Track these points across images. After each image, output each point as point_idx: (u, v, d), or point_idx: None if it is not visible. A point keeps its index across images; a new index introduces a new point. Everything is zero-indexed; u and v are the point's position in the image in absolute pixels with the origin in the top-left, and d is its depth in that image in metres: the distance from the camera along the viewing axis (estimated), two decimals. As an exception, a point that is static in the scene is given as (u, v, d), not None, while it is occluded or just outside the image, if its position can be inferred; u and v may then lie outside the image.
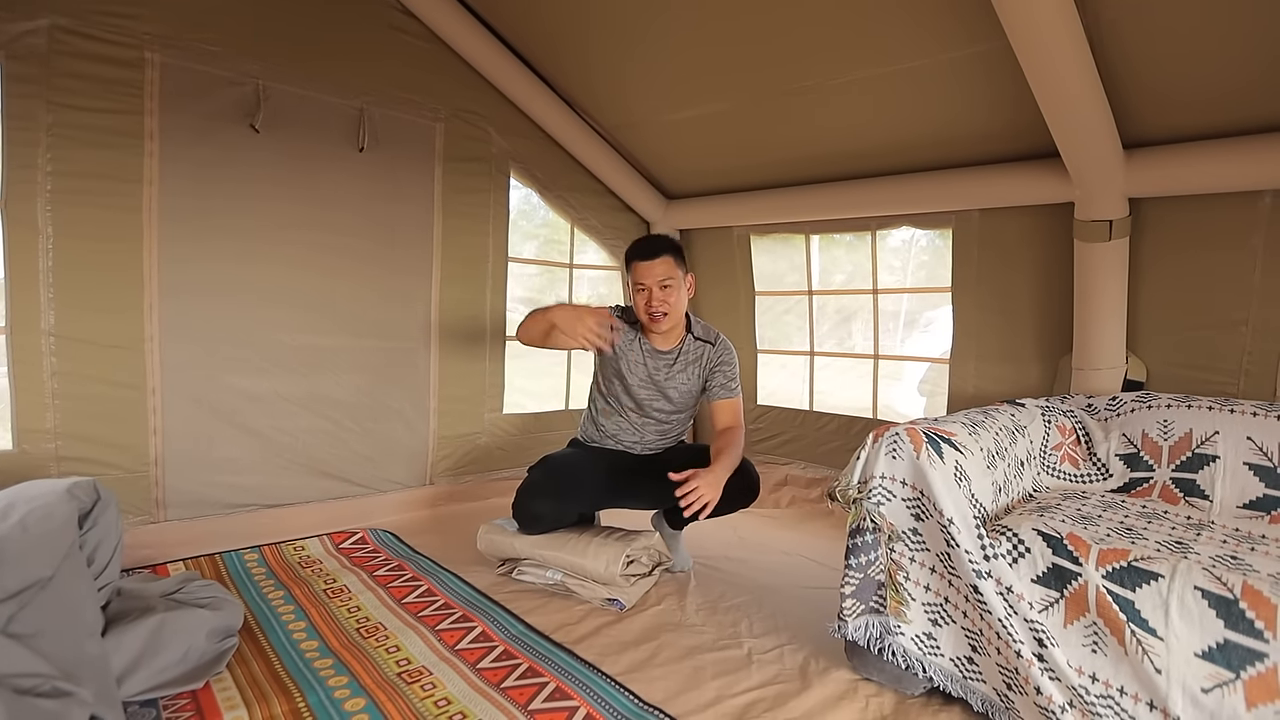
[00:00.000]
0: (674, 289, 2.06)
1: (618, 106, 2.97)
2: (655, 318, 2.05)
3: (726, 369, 2.14)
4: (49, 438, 2.05)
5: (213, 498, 2.35)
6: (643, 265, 2.05)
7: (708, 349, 2.16)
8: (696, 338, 2.17)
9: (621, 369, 2.16)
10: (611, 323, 1.97)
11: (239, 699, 1.42)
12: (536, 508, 2.00)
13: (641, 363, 2.15)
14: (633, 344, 2.15)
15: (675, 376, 2.15)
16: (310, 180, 2.49)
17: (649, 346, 2.15)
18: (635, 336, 2.16)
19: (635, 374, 2.15)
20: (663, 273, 2.04)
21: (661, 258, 2.05)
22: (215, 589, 1.65)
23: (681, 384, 2.15)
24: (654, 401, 2.17)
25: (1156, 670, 1.14)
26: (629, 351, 2.15)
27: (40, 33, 1.98)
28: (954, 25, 1.95)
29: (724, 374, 2.13)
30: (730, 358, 2.16)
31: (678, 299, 2.07)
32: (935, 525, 1.40)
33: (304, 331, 2.52)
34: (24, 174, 1.98)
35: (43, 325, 2.03)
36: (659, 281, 2.04)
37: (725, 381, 2.13)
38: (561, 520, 2.07)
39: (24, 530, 1.30)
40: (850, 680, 1.57)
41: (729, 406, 2.13)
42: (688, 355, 2.15)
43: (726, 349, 2.17)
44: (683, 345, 2.16)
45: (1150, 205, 2.12)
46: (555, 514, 2.04)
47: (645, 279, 2.05)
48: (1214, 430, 1.75)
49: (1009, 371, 2.52)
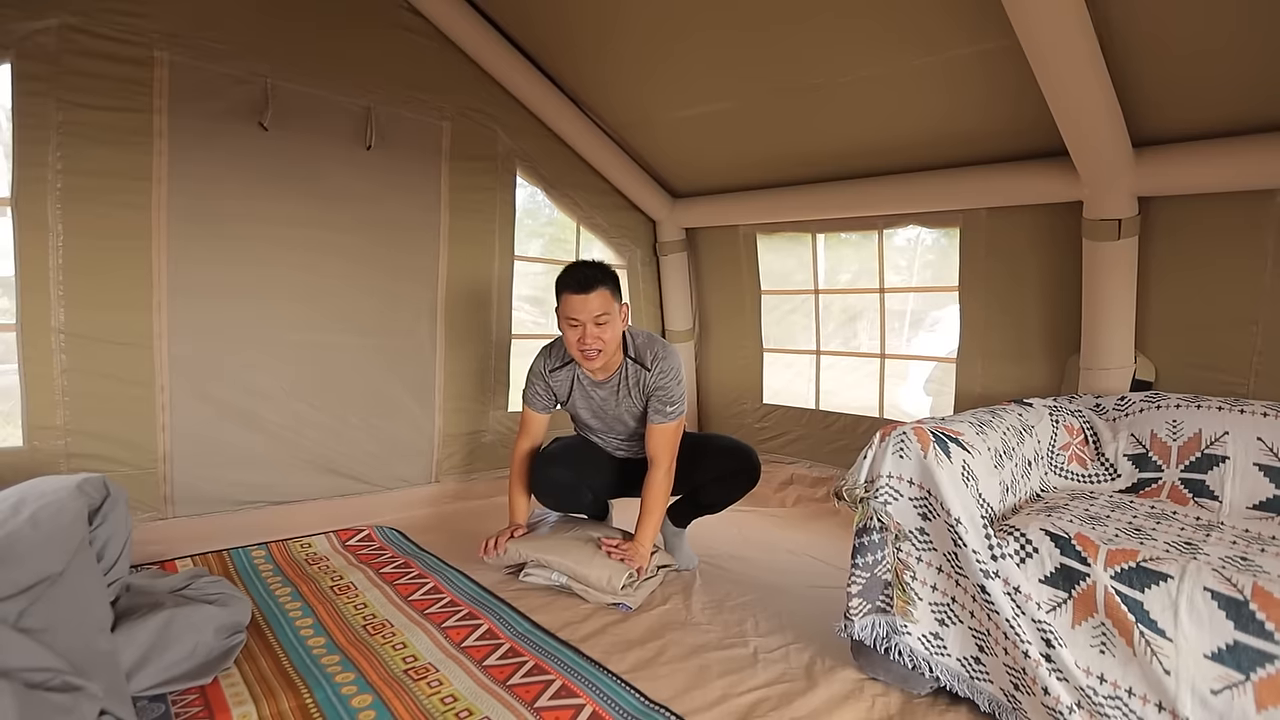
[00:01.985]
0: (609, 324, 1.92)
1: (624, 105, 2.97)
2: (588, 355, 1.93)
3: (661, 394, 1.98)
4: (59, 434, 2.07)
5: (220, 494, 2.36)
6: (576, 299, 1.89)
7: (644, 374, 2.01)
8: (633, 359, 2.03)
9: (570, 409, 2.18)
10: (496, 539, 2.05)
11: (247, 694, 1.43)
12: (555, 474, 2.06)
13: (586, 396, 2.11)
14: (569, 381, 2.11)
15: (622, 403, 2.08)
16: (318, 178, 2.50)
17: (587, 380, 2.09)
18: (571, 374, 2.09)
19: (586, 407, 2.13)
20: (598, 307, 1.89)
21: (597, 291, 1.89)
22: (223, 585, 1.66)
23: (629, 408, 2.08)
24: (615, 425, 2.16)
25: (1165, 671, 1.13)
26: (572, 391, 2.12)
27: (50, 32, 1.99)
28: (962, 23, 1.94)
29: (659, 399, 1.98)
30: (666, 381, 1.98)
31: (612, 335, 1.93)
32: (942, 525, 1.40)
33: (310, 329, 2.53)
34: (34, 172, 1.99)
35: (53, 323, 2.05)
36: (594, 317, 1.89)
37: (660, 406, 1.98)
38: (577, 492, 2.12)
39: (35, 526, 1.30)
40: (856, 680, 1.57)
41: (660, 433, 1.99)
42: (628, 380, 2.04)
43: (663, 372, 1.98)
44: (622, 370, 2.04)
45: (1160, 204, 2.10)
46: (571, 483, 2.08)
47: (579, 314, 1.89)
48: (1224, 431, 1.74)
49: (1016, 371, 2.50)
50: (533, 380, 2.15)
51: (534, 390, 2.15)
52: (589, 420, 2.17)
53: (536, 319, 3.39)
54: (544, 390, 2.14)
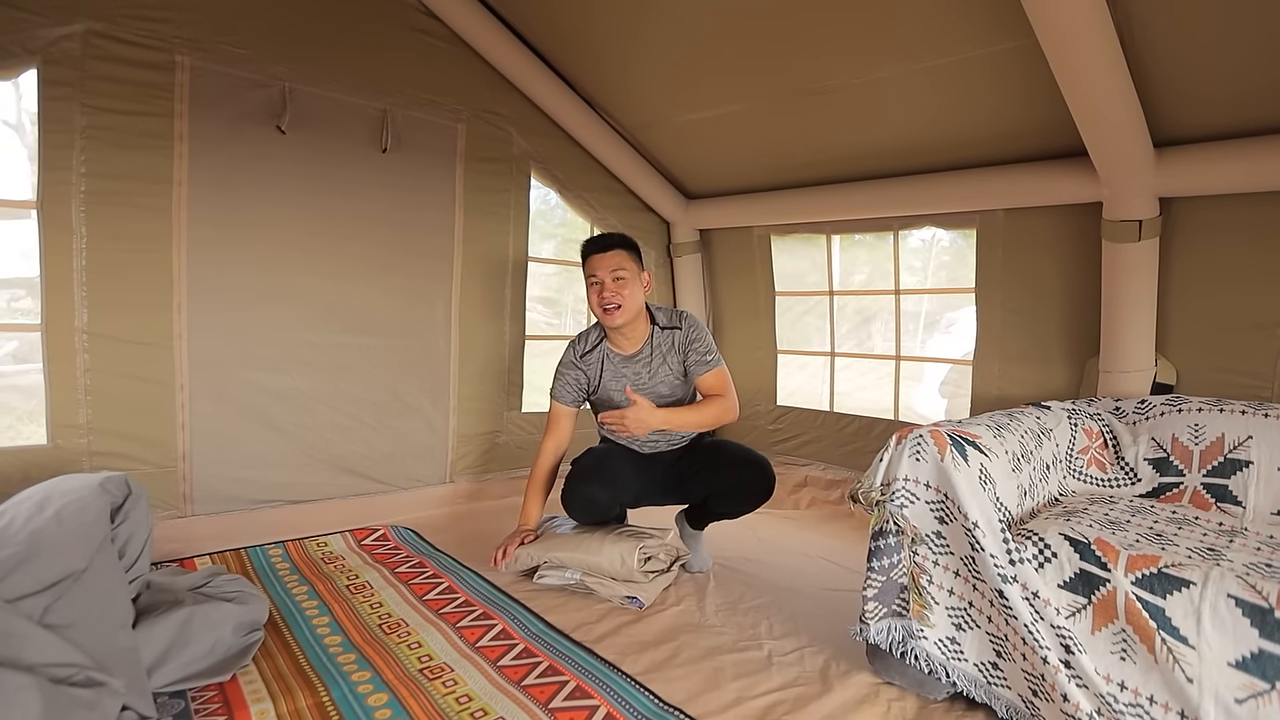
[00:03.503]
0: (628, 281, 2.04)
1: (638, 106, 2.97)
2: (609, 311, 2.03)
3: (699, 345, 2.10)
4: (81, 433, 2.10)
5: (238, 493, 2.39)
6: (596, 257, 2.05)
7: (675, 334, 2.12)
8: (662, 327, 2.14)
9: (601, 395, 2.17)
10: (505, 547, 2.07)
11: (264, 692, 1.45)
12: (592, 493, 2.04)
13: (617, 375, 2.13)
14: (599, 363, 2.14)
15: (657, 373, 2.13)
16: (334, 181, 2.52)
17: (617, 357, 2.13)
18: (601, 356, 2.14)
19: (618, 388, 2.13)
20: (615, 263, 2.03)
21: (614, 250, 2.05)
22: (241, 583, 1.68)
23: (665, 377, 2.13)
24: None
25: (1188, 679, 1.12)
26: (603, 373, 2.14)
27: (75, 38, 2.02)
28: (979, 22, 1.93)
29: (697, 351, 2.10)
30: (700, 333, 2.12)
31: (631, 292, 2.04)
32: (959, 528, 1.39)
33: (327, 330, 2.55)
34: (59, 175, 2.03)
35: (76, 323, 2.08)
36: (611, 273, 2.02)
37: (700, 358, 2.10)
38: (611, 507, 2.11)
39: (59, 524, 1.33)
40: (872, 684, 1.56)
41: (711, 378, 2.10)
42: (660, 348, 2.13)
43: (693, 325, 2.13)
44: (651, 341, 2.13)
45: (1181, 205, 2.07)
46: (608, 500, 2.07)
47: (598, 270, 2.04)
48: (1247, 435, 1.71)
49: (1034, 373, 2.48)
50: (562, 371, 2.18)
51: (563, 381, 2.17)
52: (623, 402, 2.15)
53: (550, 320, 3.40)
54: (574, 380, 2.17)
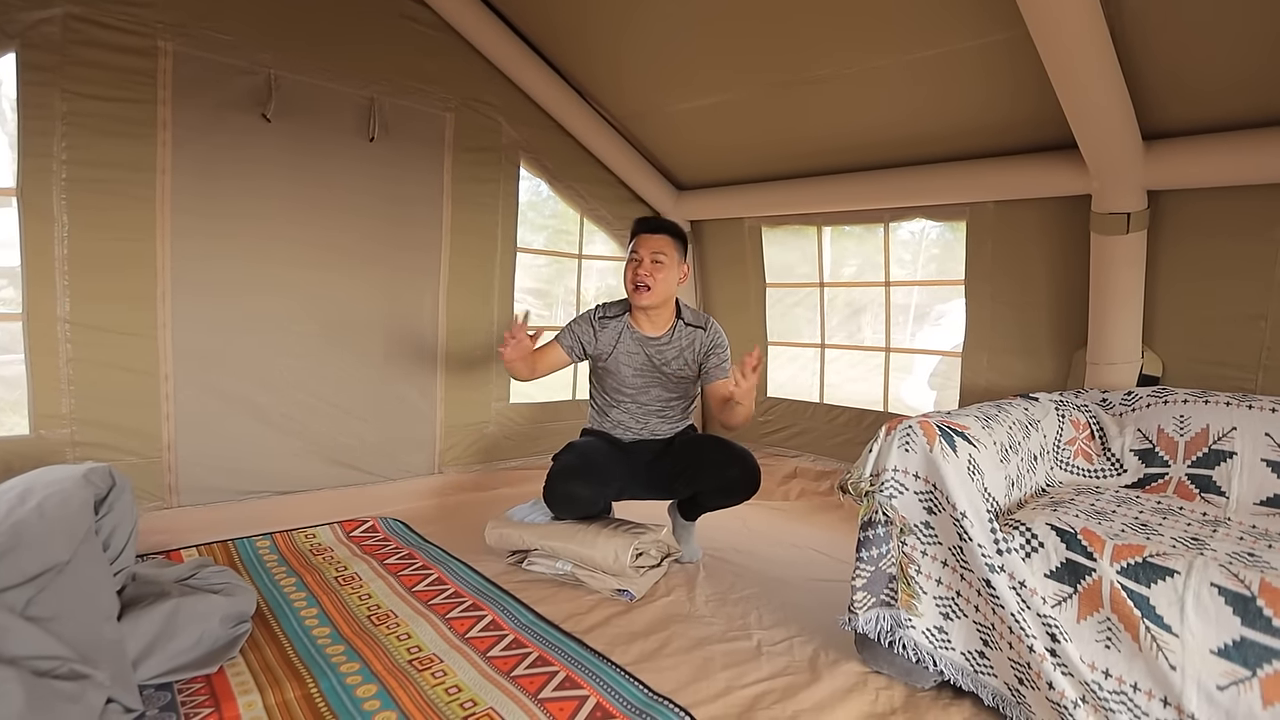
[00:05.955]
0: (665, 266, 2.10)
1: (630, 95, 2.95)
2: (639, 289, 2.09)
3: (721, 350, 2.20)
4: (65, 423, 2.08)
5: (225, 484, 2.37)
6: (644, 236, 2.13)
7: (699, 334, 2.20)
8: (688, 324, 2.21)
9: (610, 365, 2.19)
10: (512, 329, 1.99)
11: (252, 683, 1.44)
12: (575, 489, 2.02)
13: (634, 351, 2.18)
14: (620, 335, 2.18)
15: (670, 363, 2.18)
16: (320, 170, 2.49)
17: (638, 334, 2.18)
18: (620, 327, 2.19)
19: (630, 364, 2.18)
20: (658, 246, 2.10)
21: (662, 235, 2.12)
22: (228, 575, 1.67)
23: (677, 368, 2.19)
24: (650, 389, 2.20)
25: (1171, 667, 1.13)
26: (618, 344, 2.18)
27: (55, 21, 1.98)
28: (970, 14, 1.93)
29: (718, 355, 2.19)
30: (723, 340, 2.22)
31: (664, 277, 2.10)
32: (948, 519, 1.39)
33: (313, 319, 2.53)
34: (39, 163, 1.99)
35: (58, 312, 2.05)
36: (651, 254, 2.09)
37: (721, 363, 2.18)
38: (595, 504, 2.09)
39: (42, 515, 1.31)
40: (860, 673, 1.57)
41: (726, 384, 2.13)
42: (680, 340, 2.19)
43: (718, 332, 2.22)
44: (674, 330, 2.20)
45: (1169, 197, 2.08)
46: (590, 496, 2.05)
47: (640, 249, 2.12)
48: (1231, 426, 1.73)
49: (1022, 365, 2.50)
50: (578, 321, 2.22)
51: (571, 330, 2.21)
52: (630, 378, 2.18)
53: (539, 311, 3.39)
54: (582, 334, 2.20)
